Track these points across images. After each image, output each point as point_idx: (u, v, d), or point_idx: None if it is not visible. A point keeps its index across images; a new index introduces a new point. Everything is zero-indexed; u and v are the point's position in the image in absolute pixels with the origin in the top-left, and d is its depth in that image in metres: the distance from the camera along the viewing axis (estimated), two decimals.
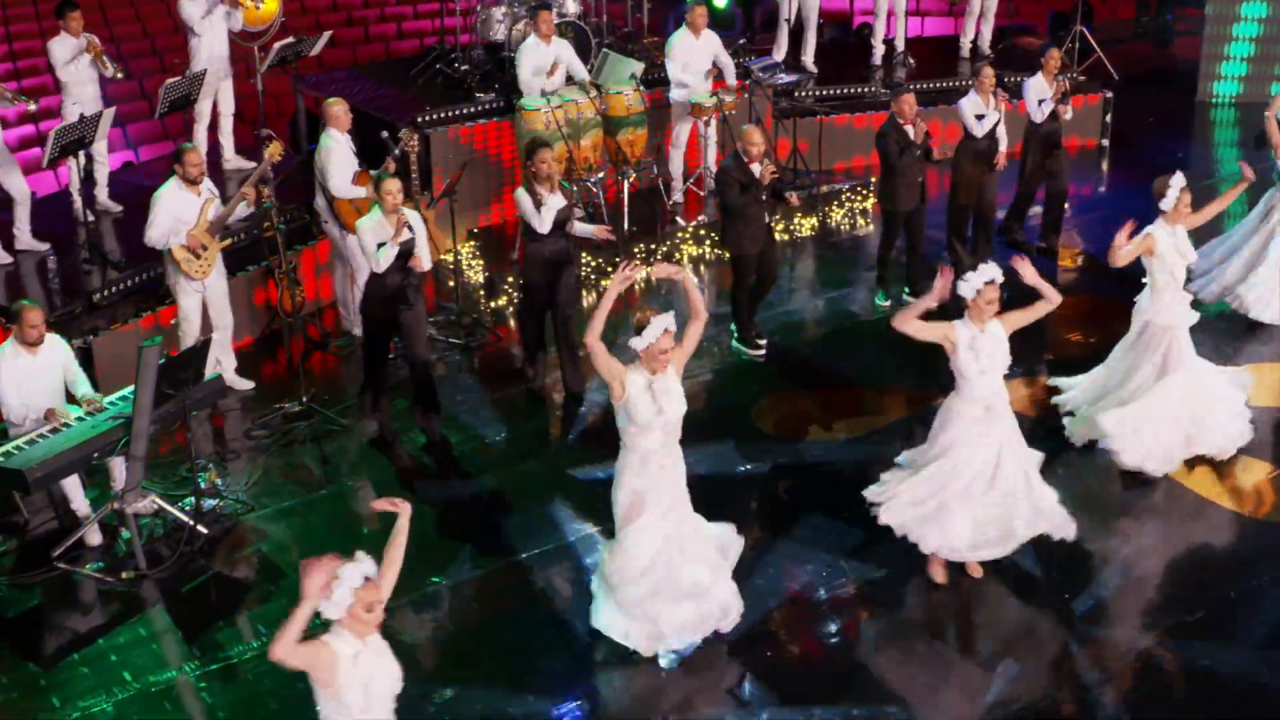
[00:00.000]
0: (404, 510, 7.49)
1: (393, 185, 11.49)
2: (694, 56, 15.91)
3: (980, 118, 14.51)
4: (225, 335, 12.71)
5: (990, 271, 9.48)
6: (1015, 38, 20.68)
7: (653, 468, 9.04)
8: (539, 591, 10.23)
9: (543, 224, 12.08)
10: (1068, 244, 15.88)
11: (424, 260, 11.77)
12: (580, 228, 12.49)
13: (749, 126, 13.14)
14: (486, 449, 12.09)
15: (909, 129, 13.83)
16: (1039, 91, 15.11)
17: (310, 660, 6.68)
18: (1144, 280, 11.42)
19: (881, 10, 19.20)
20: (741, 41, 18.23)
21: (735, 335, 13.55)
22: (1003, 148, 14.76)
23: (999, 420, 9.80)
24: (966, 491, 9.79)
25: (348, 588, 6.70)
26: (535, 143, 12.40)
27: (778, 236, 14.42)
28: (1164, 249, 11.22)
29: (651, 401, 8.88)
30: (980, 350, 9.58)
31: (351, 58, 19.59)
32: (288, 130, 17.05)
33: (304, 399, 12.53)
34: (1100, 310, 14.24)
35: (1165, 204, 11.34)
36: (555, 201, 12.16)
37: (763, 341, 13.50)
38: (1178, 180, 11.39)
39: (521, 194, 12.23)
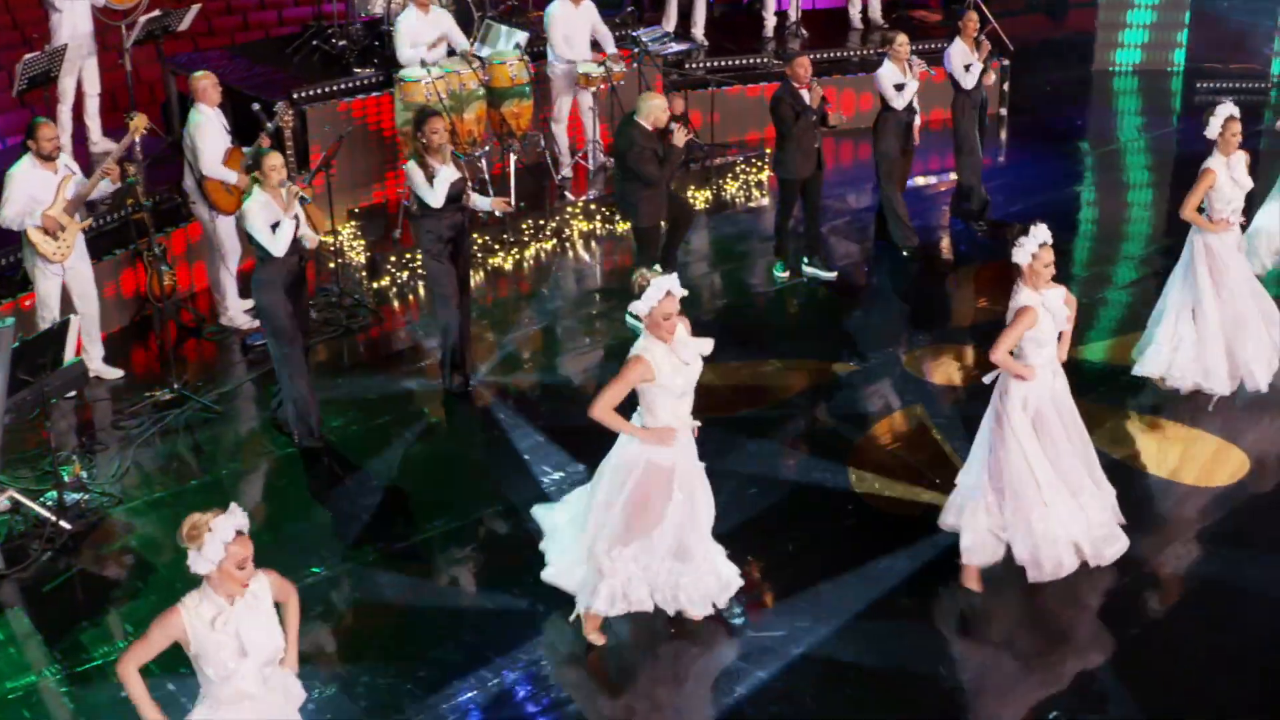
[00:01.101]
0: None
1: (275, 159, 10.80)
2: (574, 27, 15.36)
3: (900, 87, 14.06)
4: (91, 322, 12.00)
5: (1042, 234, 8.91)
6: (908, 9, 20.30)
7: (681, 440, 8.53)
8: (427, 578, 9.65)
9: (436, 198, 11.36)
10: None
11: (310, 237, 11.12)
12: (477, 200, 11.81)
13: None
14: (369, 434, 11.47)
15: (804, 94, 13.35)
16: (963, 56, 14.71)
17: (162, 639, 6.41)
18: None
19: None
20: (630, 9, 17.70)
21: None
22: (918, 119, 14.34)
23: (1064, 389, 9.21)
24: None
25: (218, 541, 6.29)
26: (425, 112, 11.64)
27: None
28: (1222, 181, 11.08)
29: (680, 365, 8.36)
30: (1055, 310, 8.99)
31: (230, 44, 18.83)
32: (160, 116, 16.29)
33: (175, 386, 11.84)
34: (1006, 275, 13.69)
35: (1210, 132, 11.16)
36: (448, 174, 11.41)
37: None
38: (1224, 109, 11.17)
39: (412, 167, 11.43)
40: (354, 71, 15.72)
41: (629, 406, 8.42)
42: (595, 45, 15.67)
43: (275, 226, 10.70)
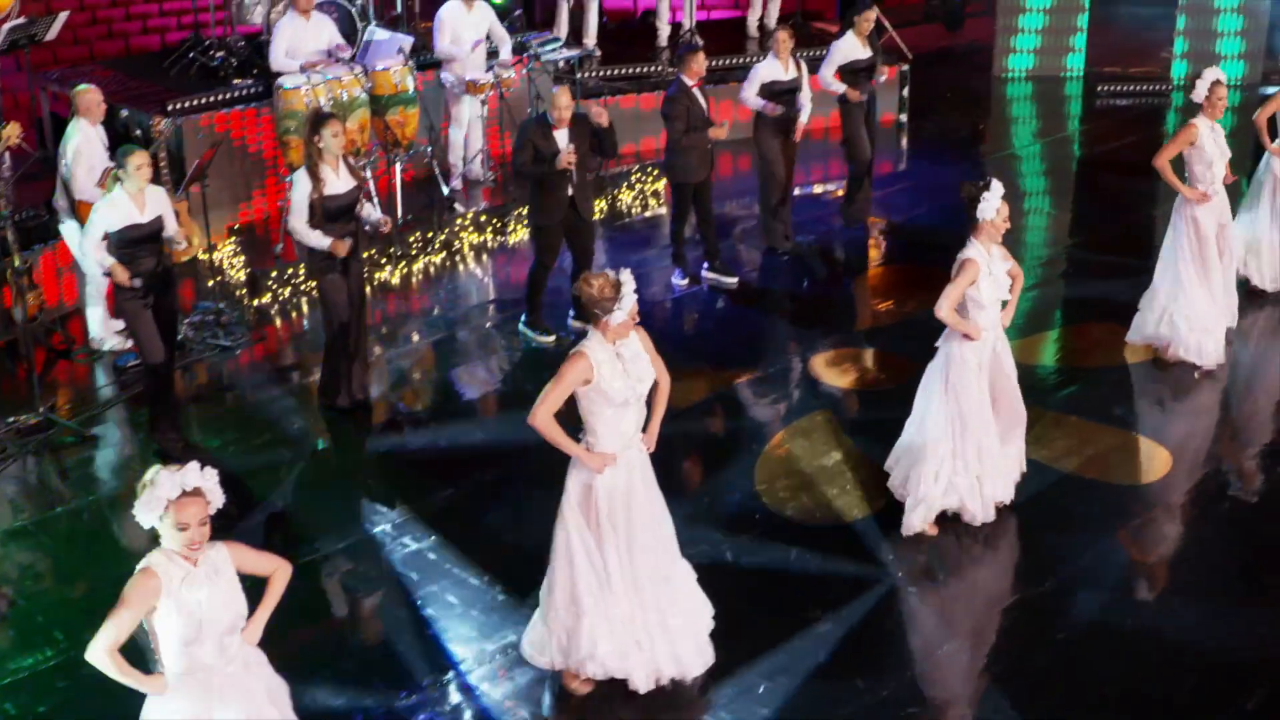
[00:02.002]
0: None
1: (140, 157, 10.16)
2: (464, 28, 14.80)
3: (776, 84, 13.61)
4: None
5: (1000, 188, 8.99)
6: (807, 19, 19.95)
7: (626, 458, 7.75)
8: (309, 603, 9.05)
9: (302, 223, 10.62)
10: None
11: (181, 241, 10.50)
12: (369, 211, 11.09)
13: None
14: (249, 454, 10.85)
15: (697, 92, 12.91)
16: (853, 50, 14.29)
17: (141, 605, 6.01)
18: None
19: None
20: (517, 12, 17.20)
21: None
22: (804, 118, 13.92)
23: (1005, 352, 9.34)
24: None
25: (159, 496, 5.99)
26: (322, 115, 10.79)
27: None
28: (1204, 140, 11.27)
29: (623, 371, 7.60)
30: (997, 276, 9.05)
31: (90, 55, 18.16)
32: (32, 134, 15.58)
33: (41, 410, 11.16)
34: (910, 278, 13.83)
35: (1197, 95, 11.34)
36: (341, 183, 10.77)
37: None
38: (1211, 73, 11.34)
39: (300, 176, 10.67)
40: (233, 83, 15.09)
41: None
42: (493, 53, 15.17)
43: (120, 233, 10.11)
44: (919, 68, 18.94)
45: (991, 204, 8.92)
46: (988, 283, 8.98)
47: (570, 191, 11.97)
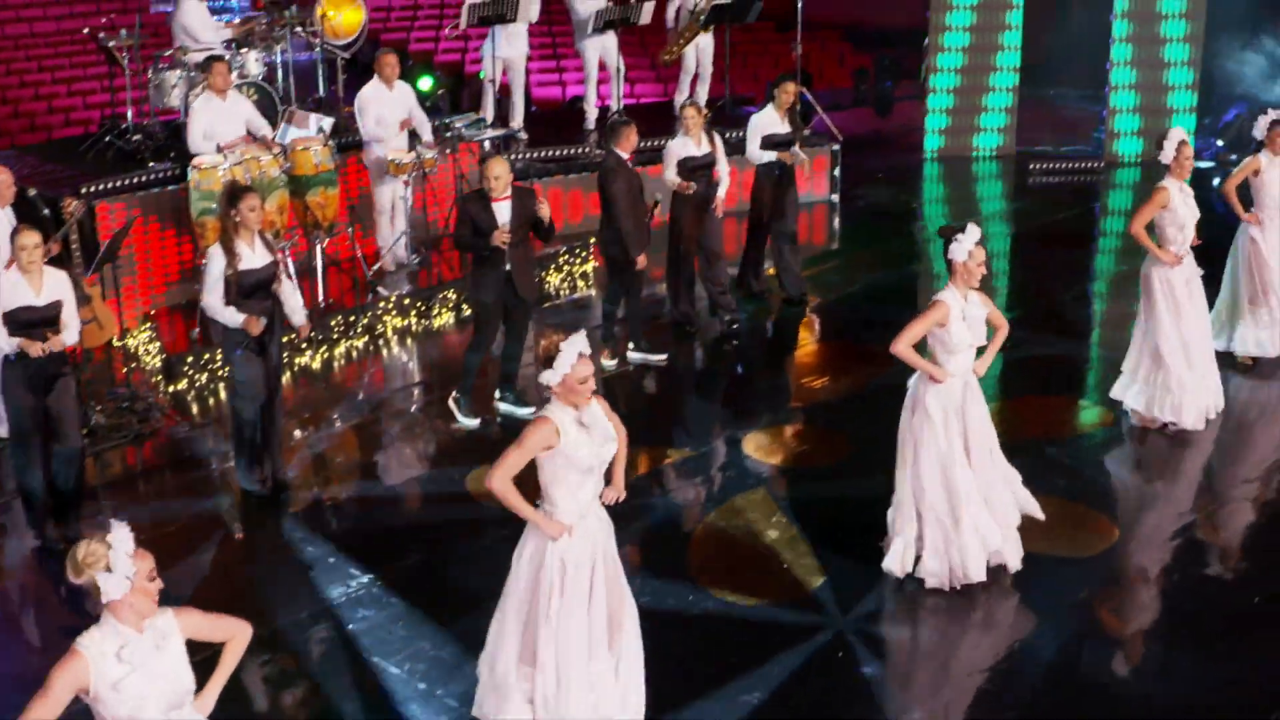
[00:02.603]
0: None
1: (29, 238, 9.73)
2: (387, 109, 14.51)
3: (690, 160, 13.37)
4: None
5: (976, 232, 8.95)
6: (736, 104, 19.80)
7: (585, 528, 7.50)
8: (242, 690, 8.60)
9: (237, 289, 10.27)
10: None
11: (71, 331, 10.02)
12: (292, 307, 10.72)
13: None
14: (159, 542, 10.35)
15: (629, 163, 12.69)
16: (771, 124, 14.08)
17: (65, 691, 5.62)
18: None
19: (591, 77, 18.10)
20: (440, 91, 16.94)
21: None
22: (722, 191, 13.68)
23: (974, 400, 9.21)
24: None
25: (122, 554, 5.64)
26: (238, 188, 10.44)
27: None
28: (1176, 202, 11.17)
29: (589, 438, 7.32)
30: (972, 320, 9.03)
31: (12, 145, 17.82)
32: None
33: None
34: (841, 355, 13.74)
35: (1165, 157, 11.24)
36: (257, 258, 10.35)
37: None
38: (1176, 133, 11.29)
39: (215, 251, 10.30)
40: (149, 166, 14.71)
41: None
42: (414, 135, 14.89)
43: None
44: (850, 149, 18.83)
45: (964, 246, 8.87)
46: (959, 326, 8.90)
47: (508, 267, 11.65)
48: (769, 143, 14.03)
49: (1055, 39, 21.74)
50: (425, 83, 19.01)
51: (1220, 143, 19.96)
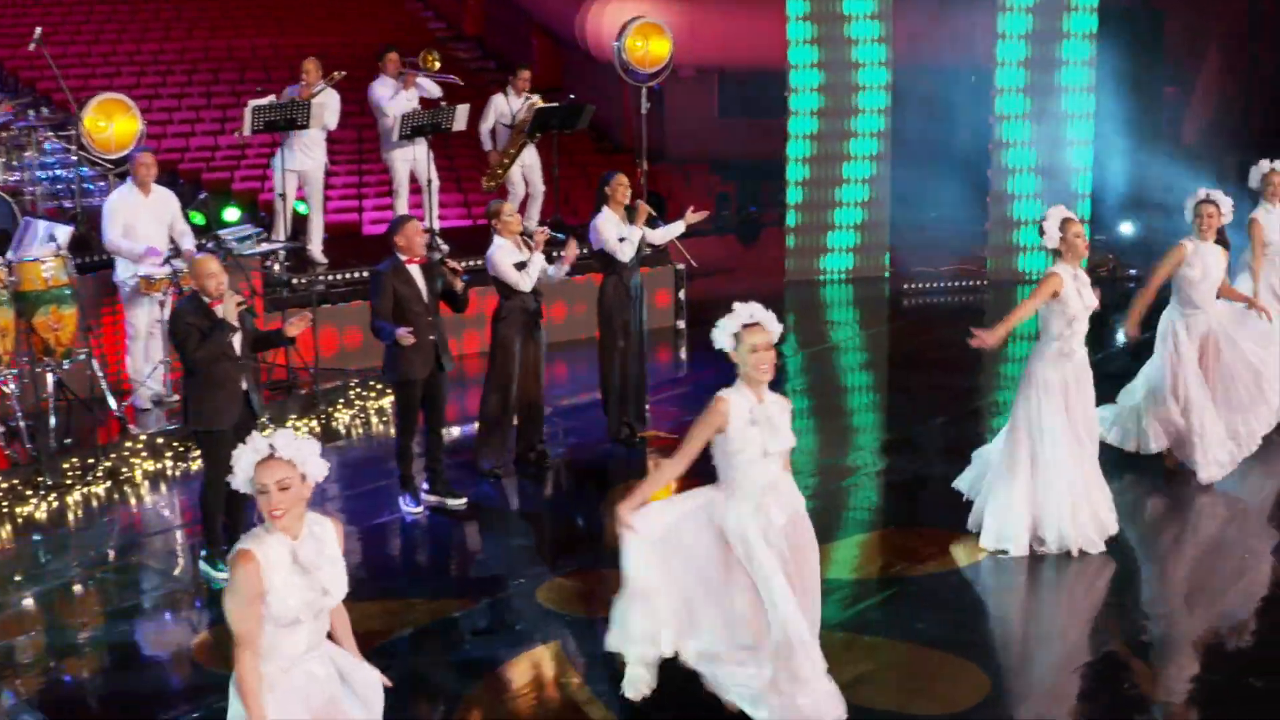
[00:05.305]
0: None
1: None
2: (140, 218, 12.42)
3: (521, 266, 11.51)
4: None
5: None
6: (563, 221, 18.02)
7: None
8: None
9: None
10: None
11: None
12: None
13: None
14: None
15: (416, 271, 10.73)
16: (617, 227, 12.19)
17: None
18: None
19: (401, 191, 16.21)
20: (202, 196, 14.99)
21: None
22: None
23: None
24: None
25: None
26: None
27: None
28: (1068, 291, 9.68)
29: (305, 583, 5.96)
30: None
31: None
32: None
33: None
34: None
35: (1049, 241, 9.76)
36: None
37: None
38: (1056, 212, 9.80)
39: None
40: None
41: None
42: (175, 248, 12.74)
43: None
44: (706, 275, 17.51)
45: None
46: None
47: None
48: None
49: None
50: (232, 213, 17.20)
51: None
